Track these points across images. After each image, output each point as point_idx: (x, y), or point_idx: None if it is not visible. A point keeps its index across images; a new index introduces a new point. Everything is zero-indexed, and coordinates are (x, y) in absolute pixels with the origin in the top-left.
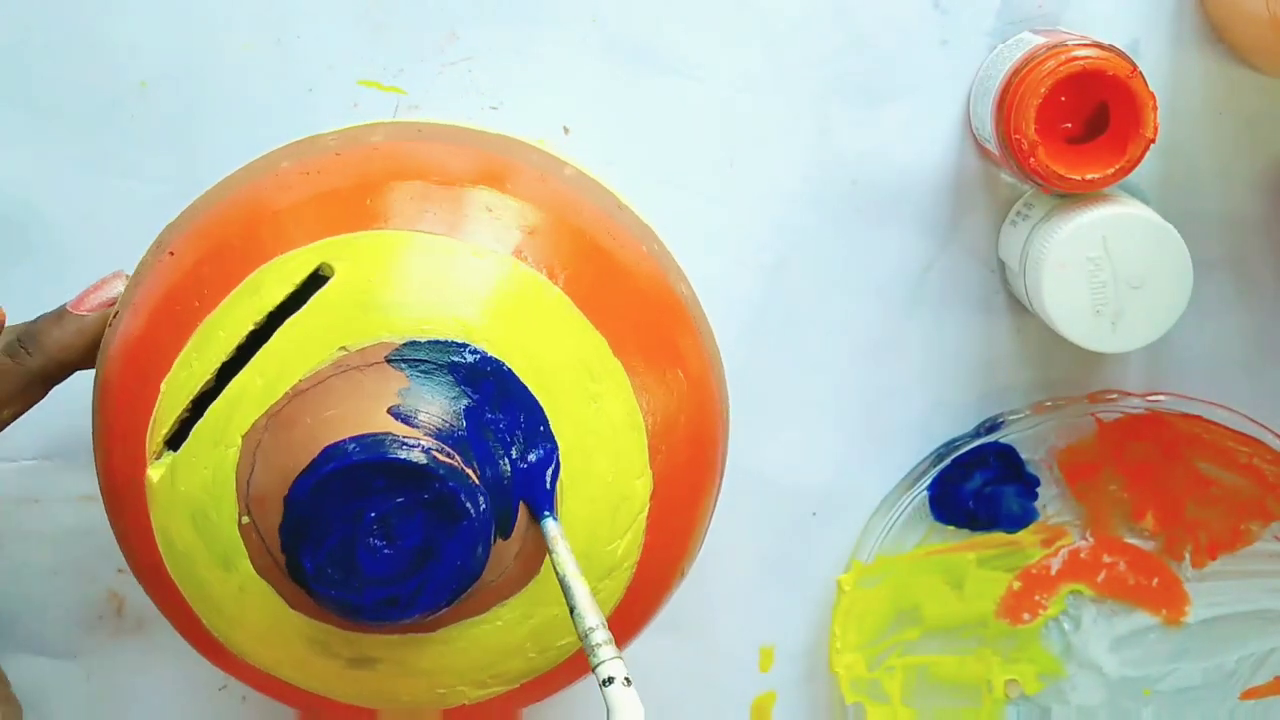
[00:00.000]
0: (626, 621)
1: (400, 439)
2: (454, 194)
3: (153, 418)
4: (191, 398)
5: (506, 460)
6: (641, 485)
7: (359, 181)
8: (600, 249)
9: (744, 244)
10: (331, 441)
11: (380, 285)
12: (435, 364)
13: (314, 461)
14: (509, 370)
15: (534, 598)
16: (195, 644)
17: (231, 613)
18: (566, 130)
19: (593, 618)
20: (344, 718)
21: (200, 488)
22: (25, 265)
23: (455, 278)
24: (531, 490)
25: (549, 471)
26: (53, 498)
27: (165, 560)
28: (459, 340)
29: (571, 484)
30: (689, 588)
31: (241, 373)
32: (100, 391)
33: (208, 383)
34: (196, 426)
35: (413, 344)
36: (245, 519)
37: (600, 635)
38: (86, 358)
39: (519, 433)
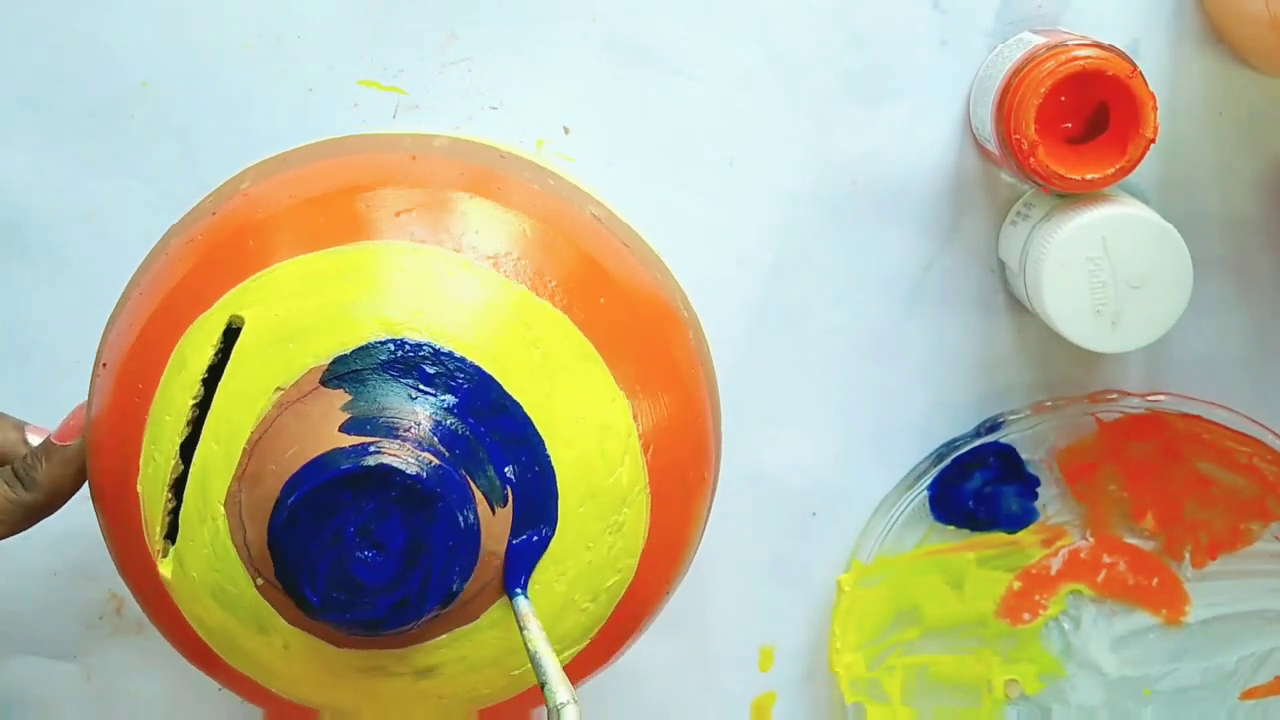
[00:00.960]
0: (664, 550)
1: (346, 449)
2: (361, 203)
3: (143, 518)
4: (168, 486)
5: (472, 432)
6: (617, 409)
7: (248, 222)
8: (552, 229)
9: (744, 244)
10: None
11: (292, 314)
12: (369, 368)
13: (278, 499)
14: (441, 348)
15: (564, 550)
16: (269, 707)
17: (286, 671)
18: (566, 130)
19: (564, 693)
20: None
21: (208, 567)
22: (25, 265)
23: (370, 283)
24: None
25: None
26: None
27: (208, 643)
28: (383, 338)
29: (548, 432)
30: (689, 588)
31: (199, 446)
32: (95, 503)
33: (175, 467)
34: (182, 511)
35: (338, 359)
36: (259, 580)
37: (570, 713)
38: (76, 485)
39: (480, 403)
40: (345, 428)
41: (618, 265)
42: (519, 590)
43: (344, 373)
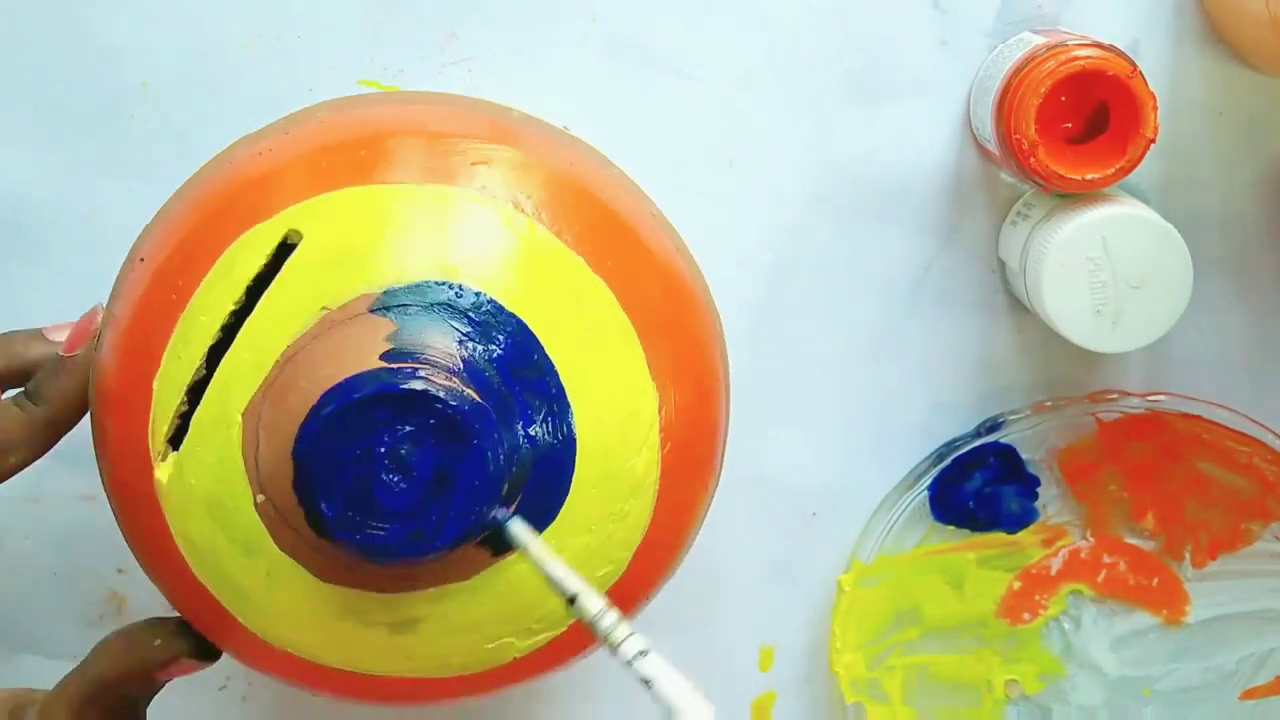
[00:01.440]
0: (658, 548)
1: (395, 370)
2: (441, 146)
3: (150, 418)
4: (185, 389)
5: (506, 386)
6: (645, 397)
7: (325, 144)
8: (610, 211)
9: (744, 244)
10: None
11: (353, 240)
12: (419, 305)
13: (313, 408)
14: (497, 303)
15: (565, 527)
16: (227, 642)
17: (262, 600)
18: (567, 130)
19: (596, 601)
20: None
21: (210, 477)
22: (25, 265)
23: (434, 224)
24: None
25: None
26: (53, 498)
27: (188, 560)
28: (439, 280)
29: (578, 404)
30: (689, 587)
31: (229, 352)
32: (96, 405)
33: (199, 370)
34: (195, 416)
35: (390, 291)
36: (260, 497)
37: (610, 617)
38: (86, 395)
39: (519, 360)
40: (386, 356)
41: (660, 249)
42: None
43: (394, 304)
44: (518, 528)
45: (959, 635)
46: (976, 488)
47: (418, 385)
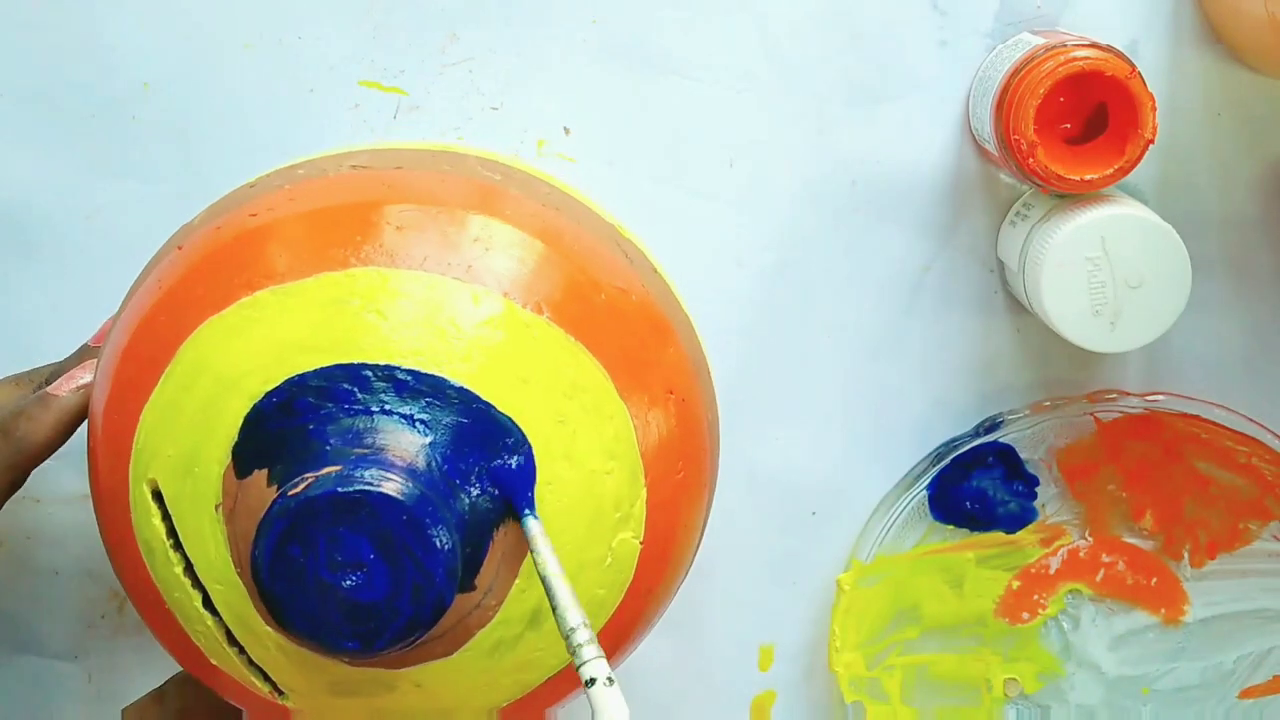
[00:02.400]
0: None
1: (341, 475)
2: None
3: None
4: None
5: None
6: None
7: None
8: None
9: (744, 244)
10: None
11: (188, 445)
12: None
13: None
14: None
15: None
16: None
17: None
18: (567, 131)
19: (575, 616)
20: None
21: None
22: (25, 265)
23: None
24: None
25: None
26: (53, 498)
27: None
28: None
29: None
30: (689, 587)
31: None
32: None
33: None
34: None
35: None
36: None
37: (583, 635)
38: (65, 437)
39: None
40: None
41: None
42: (527, 511)
43: (245, 453)
44: (533, 527)
45: (958, 634)
46: (976, 487)
47: (361, 488)
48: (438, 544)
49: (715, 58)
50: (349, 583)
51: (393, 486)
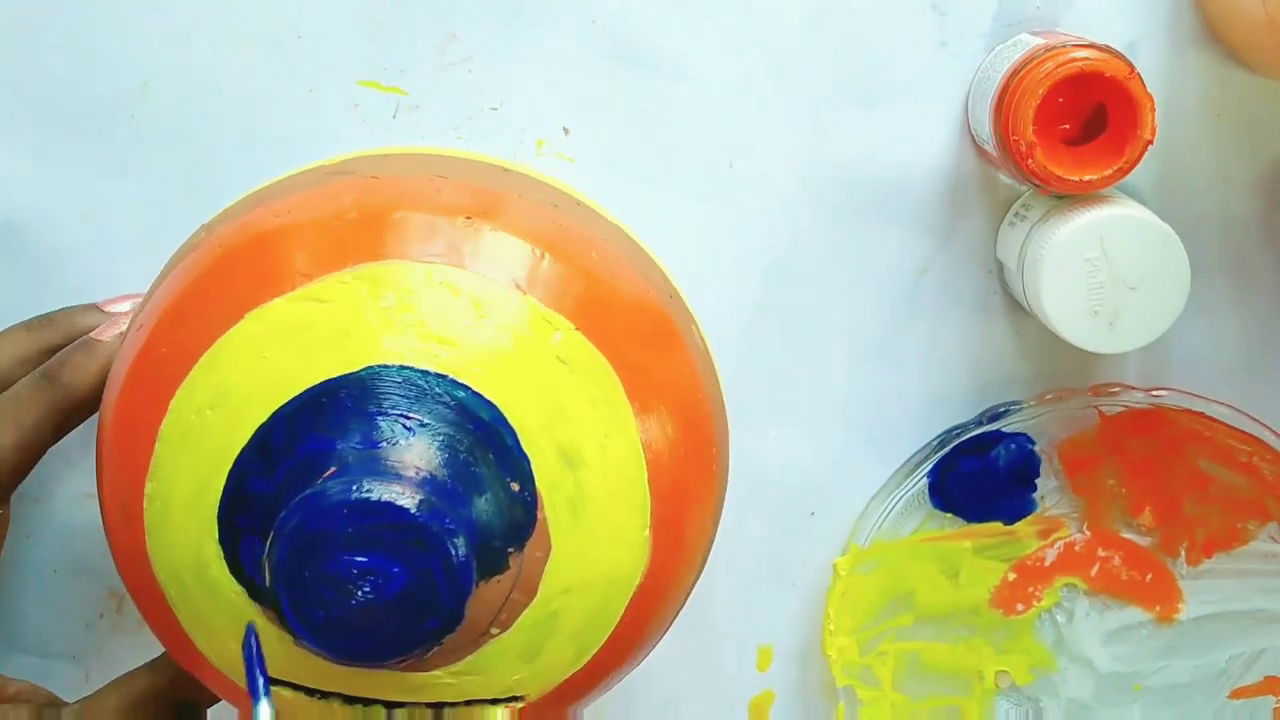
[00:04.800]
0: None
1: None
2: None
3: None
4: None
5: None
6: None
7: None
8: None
9: (743, 244)
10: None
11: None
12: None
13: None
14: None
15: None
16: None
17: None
18: (566, 131)
19: None
20: None
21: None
22: (25, 265)
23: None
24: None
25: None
26: (53, 497)
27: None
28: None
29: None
30: None
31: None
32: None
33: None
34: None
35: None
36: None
37: None
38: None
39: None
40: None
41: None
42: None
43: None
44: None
45: (952, 623)
46: (976, 476)
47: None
48: (453, 552)
49: (715, 58)
50: (365, 590)
51: (406, 498)
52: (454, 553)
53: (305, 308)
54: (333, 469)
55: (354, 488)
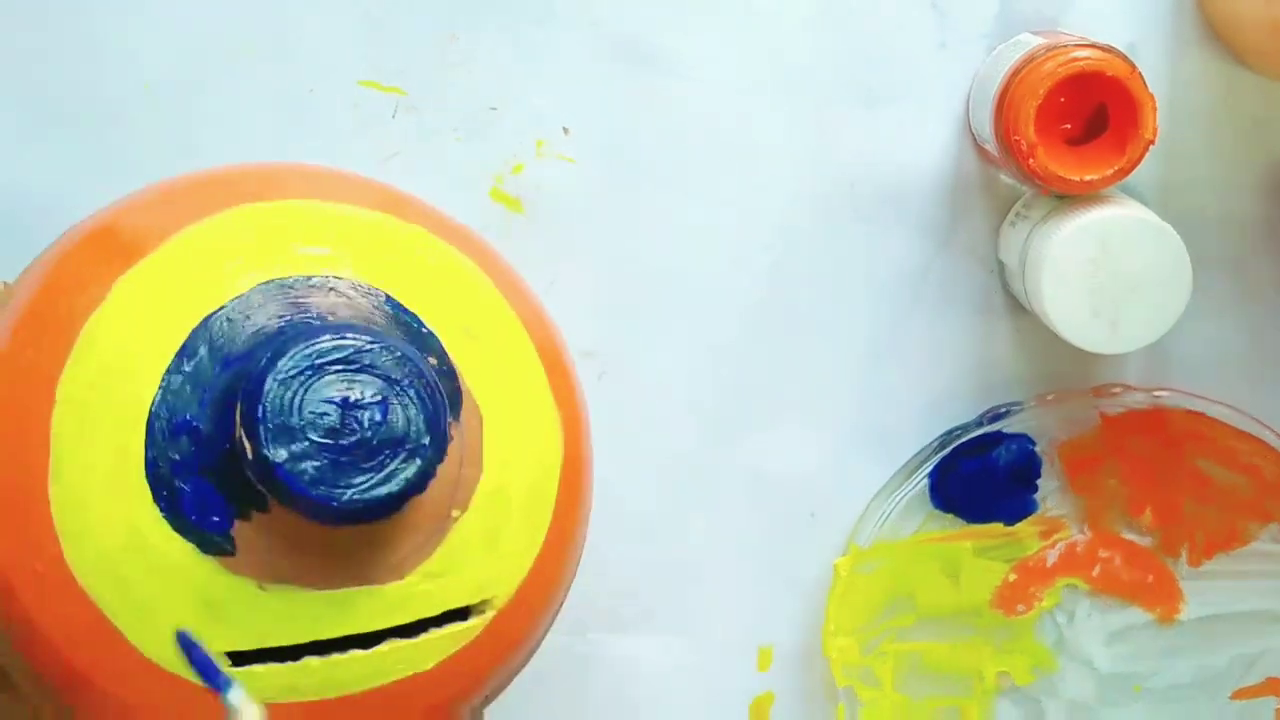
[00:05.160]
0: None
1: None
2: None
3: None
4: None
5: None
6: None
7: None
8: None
9: (744, 244)
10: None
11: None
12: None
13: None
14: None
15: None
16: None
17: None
18: (566, 131)
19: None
20: None
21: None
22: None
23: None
24: None
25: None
26: None
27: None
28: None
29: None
30: (688, 588)
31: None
32: None
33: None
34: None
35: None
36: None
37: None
38: None
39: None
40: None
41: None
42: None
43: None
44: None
45: (953, 624)
46: (977, 477)
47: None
48: (425, 371)
49: (715, 58)
50: (353, 425)
51: (367, 336)
52: (426, 371)
53: (173, 258)
54: (270, 354)
55: (321, 338)
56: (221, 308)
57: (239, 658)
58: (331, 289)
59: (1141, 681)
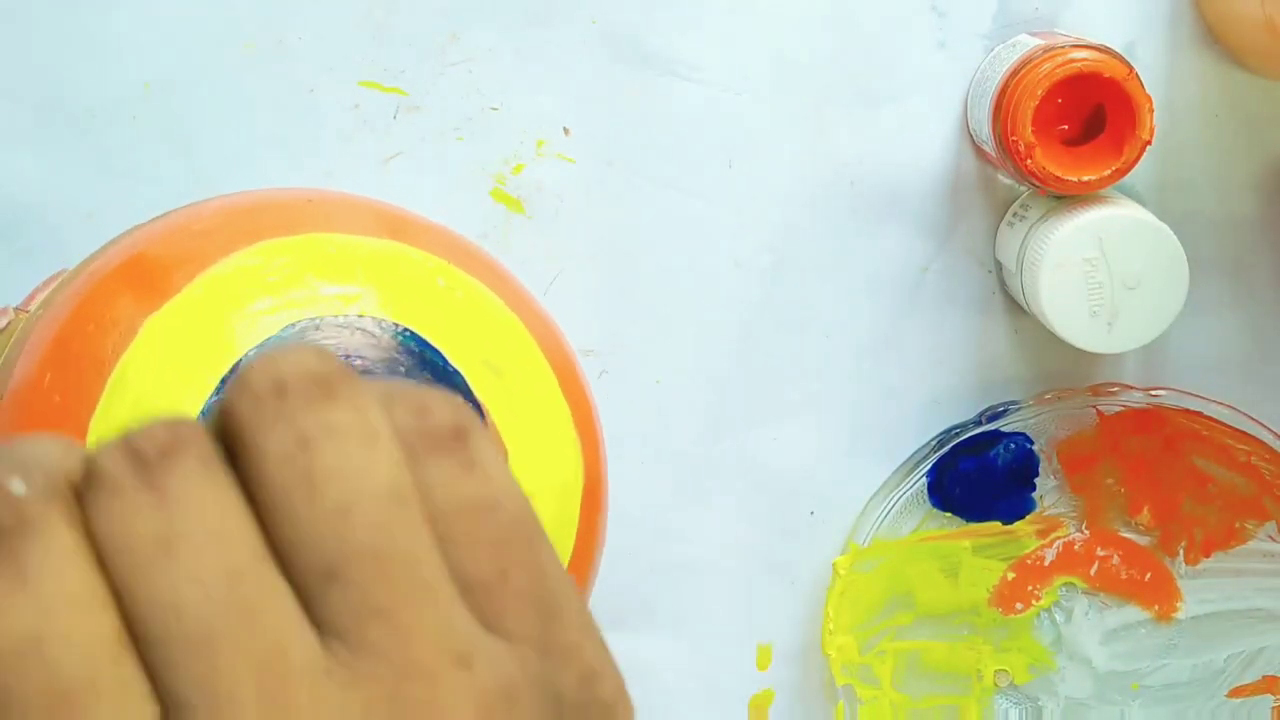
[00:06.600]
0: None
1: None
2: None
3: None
4: None
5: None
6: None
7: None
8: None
9: (743, 244)
10: None
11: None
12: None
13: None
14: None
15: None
16: None
17: None
18: (566, 131)
19: None
20: None
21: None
22: (25, 265)
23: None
24: None
25: None
26: None
27: None
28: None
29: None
30: (688, 586)
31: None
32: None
33: None
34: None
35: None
36: None
37: None
38: None
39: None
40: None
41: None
42: None
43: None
44: None
45: (951, 622)
46: (975, 476)
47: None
48: None
49: (715, 58)
50: None
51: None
52: None
53: (203, 296)
54: None
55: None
56: (250, 351)
57: None
58: (358, 329)
59: (1139, 680)
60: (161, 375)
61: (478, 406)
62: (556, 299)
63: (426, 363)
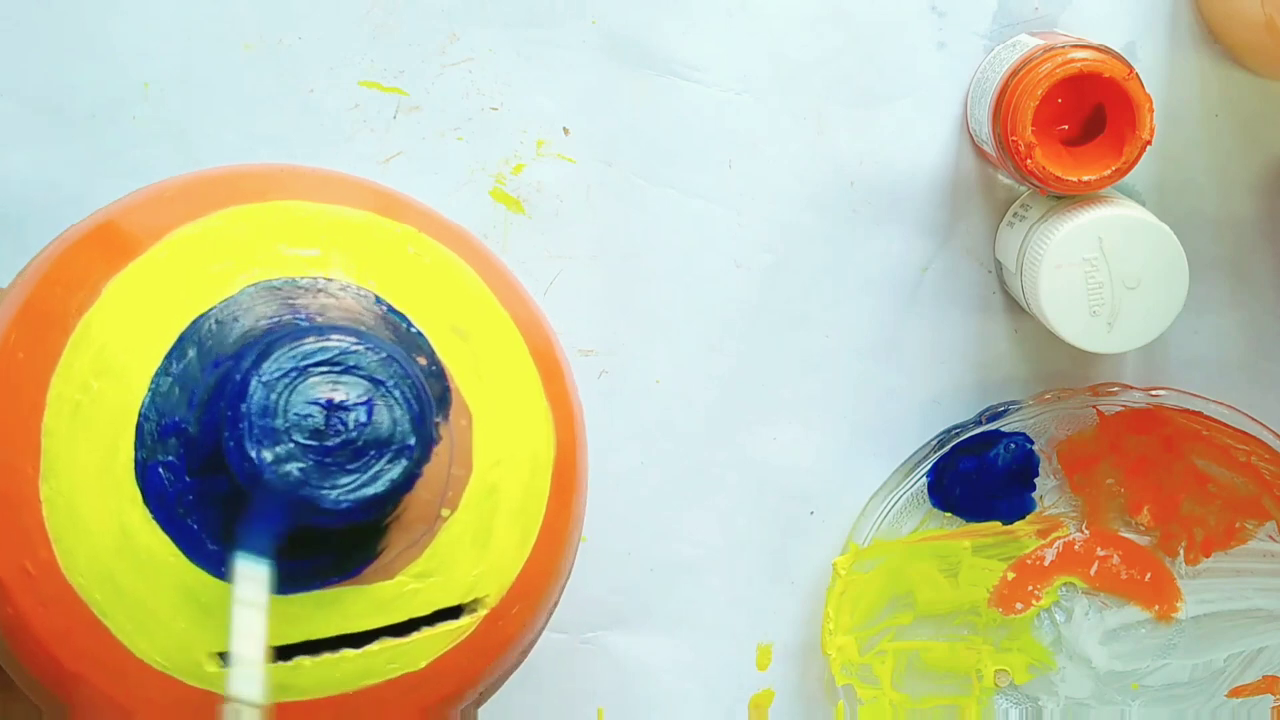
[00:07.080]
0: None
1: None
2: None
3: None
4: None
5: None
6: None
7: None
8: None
9: (743, 244)
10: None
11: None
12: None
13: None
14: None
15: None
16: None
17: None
18: (566, 131)
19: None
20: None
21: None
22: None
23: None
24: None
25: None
26: None
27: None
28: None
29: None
30: (688, 586)
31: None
32: None
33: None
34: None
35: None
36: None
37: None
38: None
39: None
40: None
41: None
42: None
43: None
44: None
45: (951, 622)
46: (975, 475)
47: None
48: (410, 370)
49: (714, 58)
50: (338, 427)
51: (353, 337)
52: (412, 372)
53: (167, 257)
54: (255, 357)
55: (305, 339)
56: (210, 310)
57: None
58: (320, 290)
59: (1139, 679)
60: (122, 333)
61: (442, 369)
62: (556, 299)
63: (390, 324)
